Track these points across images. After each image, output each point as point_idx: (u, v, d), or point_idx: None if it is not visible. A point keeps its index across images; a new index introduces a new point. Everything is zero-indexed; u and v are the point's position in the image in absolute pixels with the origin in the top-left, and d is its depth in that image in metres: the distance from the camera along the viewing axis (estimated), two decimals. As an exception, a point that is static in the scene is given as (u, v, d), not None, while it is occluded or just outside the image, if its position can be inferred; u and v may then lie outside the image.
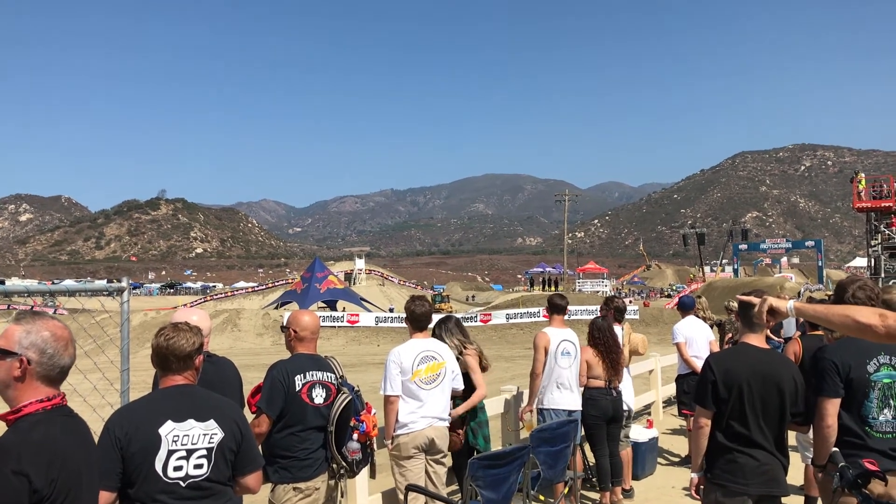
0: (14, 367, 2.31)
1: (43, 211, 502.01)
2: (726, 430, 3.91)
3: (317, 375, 4.35)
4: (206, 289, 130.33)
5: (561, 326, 6.78)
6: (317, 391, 4.30)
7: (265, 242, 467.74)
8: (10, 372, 2.31)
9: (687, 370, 8.57)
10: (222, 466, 2.96)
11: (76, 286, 4.29)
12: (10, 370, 2.31)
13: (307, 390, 4.26)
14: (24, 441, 2.20)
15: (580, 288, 75.36)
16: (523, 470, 4.97)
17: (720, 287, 65.19)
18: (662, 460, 8.87)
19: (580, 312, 42.75)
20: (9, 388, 2.32)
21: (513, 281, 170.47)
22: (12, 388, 2.32)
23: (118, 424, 2.85)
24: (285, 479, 4.18)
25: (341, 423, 4.31)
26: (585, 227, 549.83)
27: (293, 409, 4.21)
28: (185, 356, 3.02)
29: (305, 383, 4.27)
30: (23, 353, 2.32)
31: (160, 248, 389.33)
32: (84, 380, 3.73)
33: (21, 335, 2.34)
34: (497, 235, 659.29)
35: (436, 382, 5.26)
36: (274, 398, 4.18)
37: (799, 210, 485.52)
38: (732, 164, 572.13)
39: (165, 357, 3.02)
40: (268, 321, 44.64)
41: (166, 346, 3.01)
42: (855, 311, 2.96)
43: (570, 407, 6.59)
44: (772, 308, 3.34)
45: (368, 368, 23.92)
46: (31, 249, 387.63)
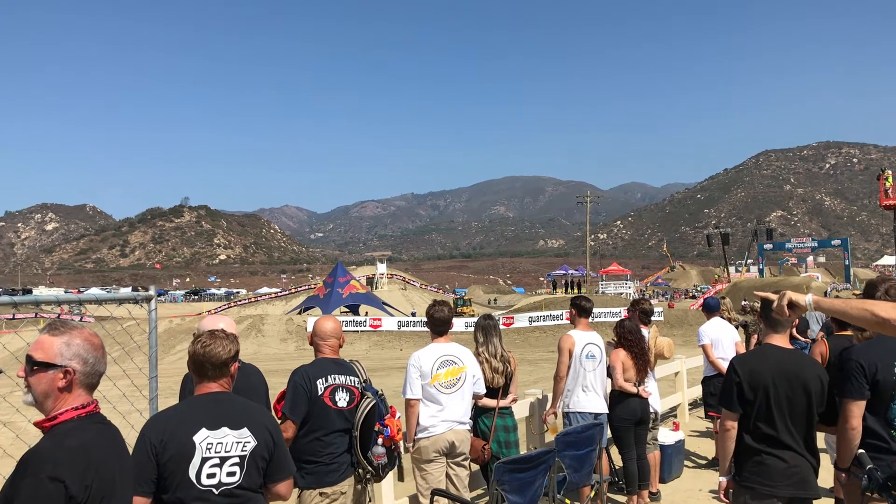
0: (57, 378, 2.36)
1: (68, 220, 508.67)
2: (753, 431, 3.85)
3: (339, 379, 4.38)
4: (229, 295, 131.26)
5: (586, 329, 6.75)
6: (340, 394, 4.33)
7: (287, 248, 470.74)
8: (53, 383, 2.36)
9: (713, 372, 8.50)
10: (254, 474, 2.98)
11: (105, 295, 4.34)
12: (53, 382, 2.36)
13: (329, 394, 4.29)
14: (60, 448, 2.24)
15: (603, 290, 74.96)
16: (549, 474, 4.96)
17: (745, 287, 64.51)
18: (689, 463, 8.80)
19: (604, 315, 42.60)
20: (49, 398, 2.37)
21: (535, 284, 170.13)
22: (52, 398, 2.37)
23: (154, 431, 2.88)
24: (311, 485, 4.20)
25: (366, 427, 4.33)
26: (608, 229, 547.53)
27: (316, 412, 4.24)
28: (221, 363, 3.04)
29: (328, 387, 4.30)
30: (67, 364, 2.37)
31: (184, 255, 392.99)
32: (113, 387, 3.78)
33: (62, 347, 2.39)
34: (518, 238, 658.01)
35: (456, 386, 5.28)
36: (297, 403, 4.21)
37: (824, 208, 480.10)
38: (756, 163, 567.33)
39: (202, 364, 3.04)
40: (291, 326, 44.88)
41: (203, 354, 3.03)
42: (874, 304, 2.91)
43: (596, 410, 6.55)
44: (791, 302, 3.30)
45: (391, 373, 23.96)
46: (57, 258, 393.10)
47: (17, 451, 2.61)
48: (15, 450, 3.47)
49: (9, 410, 7.29)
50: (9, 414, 9.17)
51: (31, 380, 2.38)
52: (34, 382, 2.37)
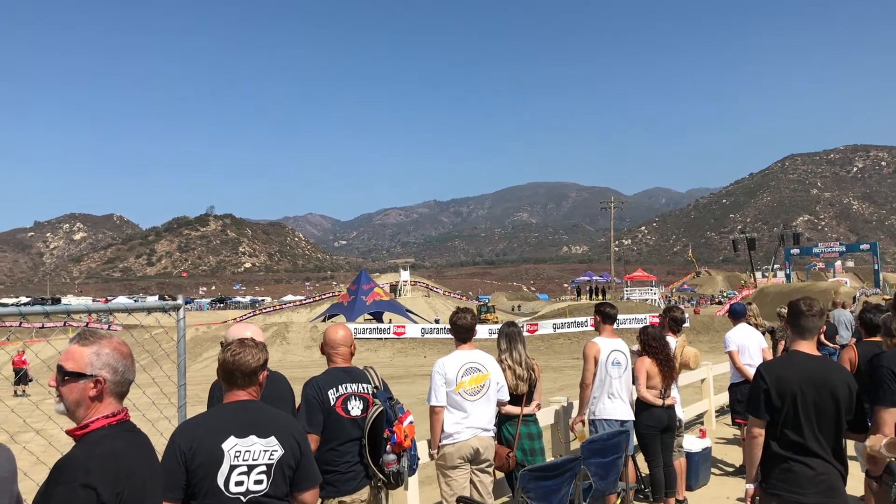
0: (88, 387, 2.41)
1: (96, 229, 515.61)
2: (780, 438, 3.82)
3: (351, 387, 4.39)
4: (254, 303, 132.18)
5: (611, 336, 6.72)
6: (352, 403, 4.35)
7: (312, 256, 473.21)
8: (84, 393, 2.41)
9: (740, 379, 8.42)
10: (280, 483, 3.01)
11: (134, 305, 4.40)
12: (84, 391, 2.41)
13: (341, 403, 4.31)
14: (92, 455, 2.28)
15: (628, 296, 74.48)
16: (575, 481, 4.95)
17: (772, 293, 63.89)
18: (716, 470, 8.72)
19: (629, 321, 42.37)
20: (80, 408, 2.42)
21: (559, 290, 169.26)
22: (84, 407, 2.42)
23: (183, 438, 2.92)
24: (331, 494, 4.23)
25: (374, 434, 4.35)
26: (632, 234, 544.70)
27: (329, 423, 4.26)
28: (250, 372, 3.08)
29: (339, 396, 4.32)
30: (98, 374, 2.42)
31: (210, 264, 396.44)
32: (142, 395, 3.83)
33: (92, 357, 2.44)
34: (542, 244, 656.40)
35: (480, 394, 5.28)
36: (313, 415, 4.23)
37: (852, 212, 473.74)
38: (782, 168, 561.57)
39: (231, 372, 3.08)
40: (315, 334, 45.16)
41: (233, 362, 3.07)
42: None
43: (623, 417, 6.52)
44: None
45: (416, 380, 24.02)
46: (85, 267, 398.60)
47: (50, 459, 2.66)
48: (48, 457, 3.53)
49: (41, 418, 7.41)
50: (41, 422, 9.32)
51: (63, 389, 2.42)
52: (66, 392, 2.42)
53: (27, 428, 10.61)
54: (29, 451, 4.57)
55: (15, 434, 11.24)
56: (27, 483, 4.05)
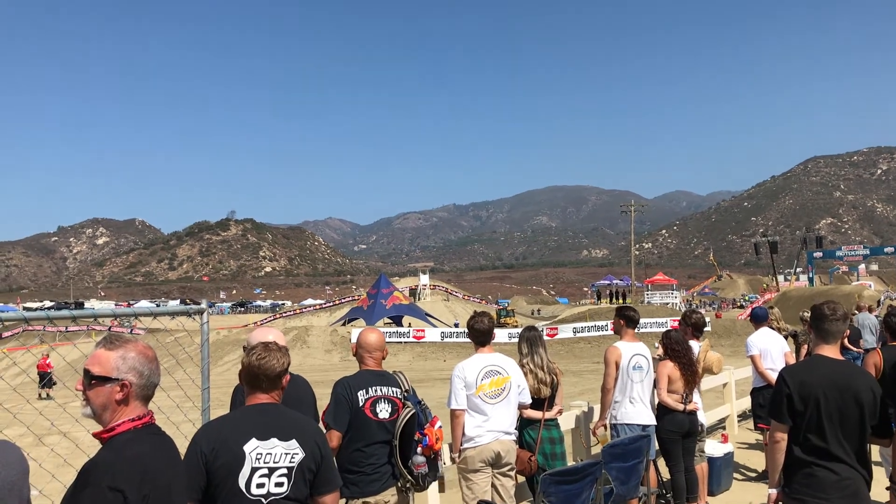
0: (115, 391, 2.44)
1: (118, 234, 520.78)
2: (804, 443, 3.79)
3: (381, 390, 4.45)
4: (275, 307, 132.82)
5: (632, 340, 6.69)
6: (381, 406, 4.40)
7: (331, 260, 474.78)
8: (110, 396, 2.45)
9: (762, 383, 8.36)
10: (301, 485, 3.02)
11: (159, 310, 4.46)
12: (110, 395, 2.44)
13: (370, 405, 4.36)
14: (119, 458, 2.32)
15: (649, 300, 74.12)
16: (596, 486, 4.94)
17: (795, 296, 63.33)
18: (739, 475, 8.66)
19: (650, 325, 42.19)
20: (107, 411, 2.46)
21: (579, 294, 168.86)
22: (110, 411, 2.45)
23: (205, 440, 2.94)
24: (355, 494, 4.28)
25: (405, 436, 4.39)
26: (653, 238, 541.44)
27: (356, 424, 4.32)
28: (274, 376, 3.11)
29: (368, 398, 4.37)
30: (124, 378, 2.46)
31: (230, 268, 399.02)
32: (166, 397, 3.88)
33: (118, 361, 2.47)
34: (562, 248, 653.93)
35: (501, 397, 5.29)
36: (340, 414, 4.30)
37: (876, 215, 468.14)
38: (804, 170, 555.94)
39: (256, 376, 3.10)
40: (336, 338, 45.30)
41: (258, 366, 3.09)
42: None
43: (644, 421, 6.49)
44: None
45: (435, 383, 24.01)
46: (107, 271, 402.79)
47: (76, 461, 2.70)
48: (74, 459, 3.58)
49: (67, 421, 7.50)
50: (67, 425, 9.42)
51: (90, 393, 2.46)
52: (92, 396, 2.45)
53: (54, 430, 10.76)
54: (56, 453, 4.65)
55: (42, 436, 11.38)
56: (54, 485, 4.12)
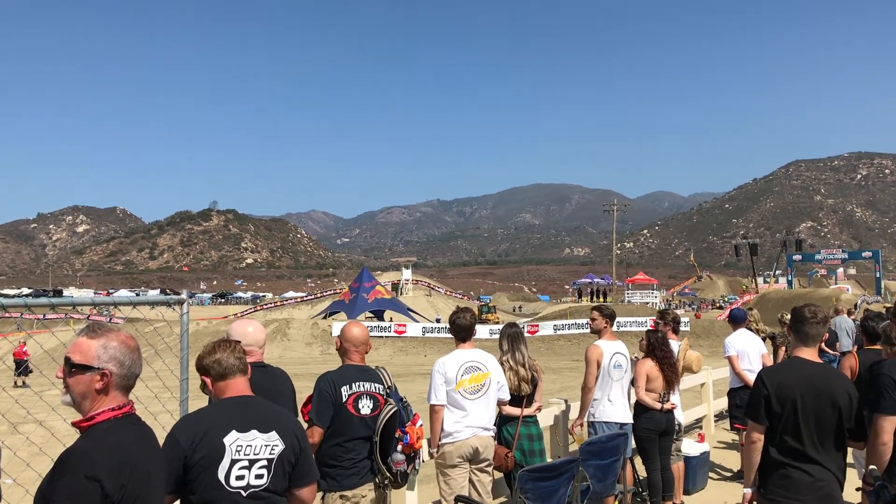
0: (95, 380, 2.42)
1: (99, 222, 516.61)
2: (780, 444, 3.83)
3: (364, 386, 4.43)
4: (256, 299, 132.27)
5: (611, 339, 6.72)
6: (363, 402, 4.39)
7: (314, 253, 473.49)
8: (90, 385, 2.42)
9: (739, 384, 8.43)
10: (280, 477, 3.02)
11: (139, 299, 4.41)
12: (90, 383, 2.42)
13: (353, 401, 4.35)
14: (98, 447, 2.30)
15: (629, 299, 74.49)
16: (573, 483, 4.96)
17: (773, 298, 63.93)
18: (714, 475, 8.73)
19: (630, 324, 42.38)
20: (86, 400, 2.43)
21: (560, 292, 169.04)
22: (90, 399, 2.43)
23: (184, 432, 2.92)
24: (332, 488, 4.28)
25: (386, 433, 4.40)
26: (634, 238, 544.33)
27: (339, 419, 4.31)
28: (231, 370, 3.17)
29: (351, 394, 4.36)
30: (104, 367, 2.44)
31: (212, 259, 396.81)
32: (145, 387, 3.85)
33: (99, 350, 2.45)
34: (544, 246, 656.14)
35: (480, 393, 5.30)
36: (323, 409, 4.29)
37: (855, 220, 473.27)
38: (786, 173, 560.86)
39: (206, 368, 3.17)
40: (317, 331, 45.13)
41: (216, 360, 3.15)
42: None
43: (622, 420, 6.52)
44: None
45: (416, 378, 24.02)
46: (87, 260, 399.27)
47: (52, 450, 2.68)
48: (49, 448, 3.55)
49: (44, 409, 7.43)
50: (43, 413, 9.33)
51: (70, 381, 2.43)
52: (72, 384, 2.43)
53: (29, 419, 10.65)
54: (31, 442, 4.60)
55: (17, 424, 11.24)
56: (29, 474, 4.09)
